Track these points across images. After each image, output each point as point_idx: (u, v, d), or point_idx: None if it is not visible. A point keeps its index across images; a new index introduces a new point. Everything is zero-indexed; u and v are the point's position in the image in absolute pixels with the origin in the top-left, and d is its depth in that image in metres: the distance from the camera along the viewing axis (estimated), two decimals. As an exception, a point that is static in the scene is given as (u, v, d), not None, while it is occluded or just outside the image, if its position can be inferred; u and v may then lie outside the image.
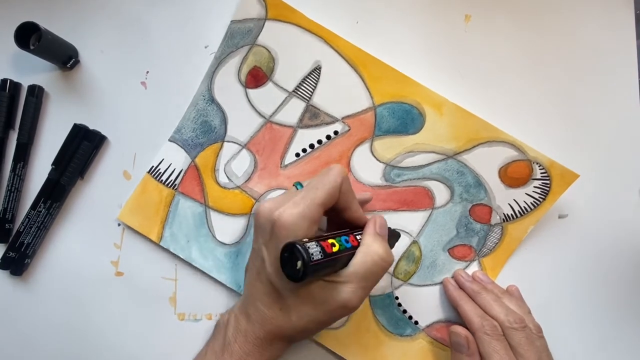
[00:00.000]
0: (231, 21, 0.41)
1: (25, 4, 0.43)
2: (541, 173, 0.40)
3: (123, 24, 0.43)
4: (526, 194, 0.40)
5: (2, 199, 0.42)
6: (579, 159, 0.41)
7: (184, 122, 0.42)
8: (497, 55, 0.42)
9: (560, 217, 0.42)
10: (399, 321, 0.41)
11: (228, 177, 0.42)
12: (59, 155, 0.41)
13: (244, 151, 0.42)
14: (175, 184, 0.42)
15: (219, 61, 0.42)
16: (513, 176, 0.40)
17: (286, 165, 0.41)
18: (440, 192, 0.41)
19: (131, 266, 0.42)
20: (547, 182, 0.40)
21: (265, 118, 0.42)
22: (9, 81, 0.42)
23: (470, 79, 0.42)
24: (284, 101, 0.41)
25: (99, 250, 0.42)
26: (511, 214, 0.41)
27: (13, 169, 0.42)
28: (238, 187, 0.42)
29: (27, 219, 0.41)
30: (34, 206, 0.41)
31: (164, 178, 0.42)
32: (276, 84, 0.41)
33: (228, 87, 0.42)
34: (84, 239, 0.42)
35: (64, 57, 0.41)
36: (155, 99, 0.42)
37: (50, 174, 0.41)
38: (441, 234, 0.41)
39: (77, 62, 0.42)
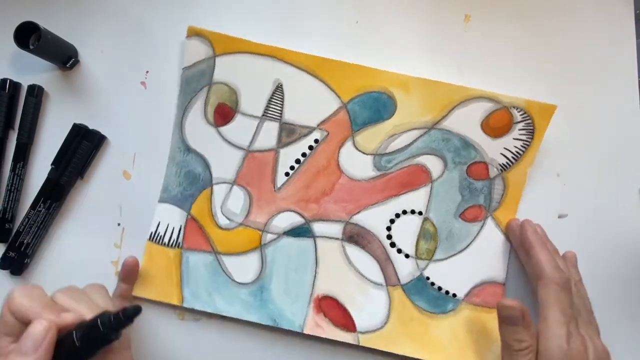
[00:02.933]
0: (182, 69, 0.41)
1: (25, 4, 0.43)
2: (521, 115, 0.40)
3: (123, 24, 0.43)
4: (514, 139, 0.41)
5: (2, 199, 0.41)
6: (578, 158, 0.42)
7: (168, 180, 0.41)
8: (496, 56, 0.42)
9: (560, 217, 0.42)
10: (437, 300, 0.41)
11: (228, 218, 0.41)
12: (59, 155, 0.41)
13: (235, 188, 0.41)
14: (179, 242, 0.41)
15: (183, 110, 0.42)
16: (496, 126, 0.41)
17: (280, 188, 0.41)
18: (434, 164, 0.41)
19: None
20: (529, 121, 0.40)
21: (244, 150, 0.41)
22: (8, 81, 0.42)
23: (470, 79, 0.42)
24: (257, 128, 0.41)
25: (99, 250, 0.41)
26: (506, 162, 0.41)
27: (13, 169, 0.41)
28: (240, 224, 0.41)
29: (27, 219, 0.41)
30: (33, 206, 0.41)
31: (166, 240, 0.41)
32: (245, 114, 0.41)
33: (200, 132, 0.41)
34: (83, 239, 0.42)
35: (63, 57, 0.41)
36: (155, 99, 0.42)
37: (50, 173, 0.41)
38: (448, 203, 0.41)
39: (76, 62, 0.42)
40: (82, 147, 0.41)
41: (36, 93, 0.42)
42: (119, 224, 0.42)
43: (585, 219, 0.42)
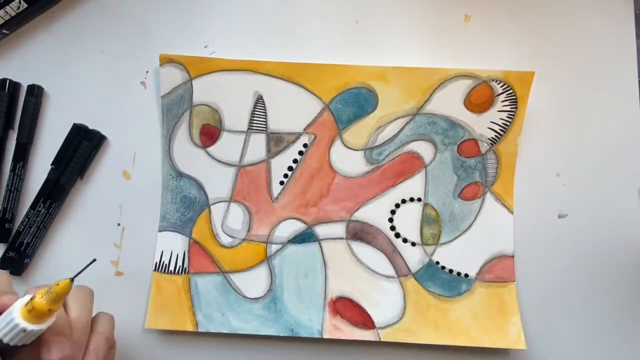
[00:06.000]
0: (161, 97, 0.41)
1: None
2: (501, 87, 0.41)
3: (123, 24, 0.43)
4: (498, 111, 0.41)
5: (2, 199, 0.41)
6: (578, 158, 0.42)
7: (165, 207, 0.41)
8: (496, 56, 0.43)
9: (560, 217, 0.42)
10: (450, 283, 0.40)
11: (230, 236, 0.41)
12: (59, 155, 0.42)
13: (233, 205, 0.41)
14: (185, 268, 0.41)
15: (169, 137, 0.42)
16: (478, 102, 0.41)
17: (277, 198, 0.41)
18: (425, 149, 0.41)
19: (131, 266, 0.41)
20: (511, 91, 0.41)
21: (236, 166, 0.42)
22: (8, 81, 0.42)
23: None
24: (244, 142, 0.42)
25: (99, 250, 0.41)
26: (495, 136, 0.41)
27: (13, 169, 0.42)
28: (243, 239, 0.41)
29: (26, 219, 0.41)
30: (33, 206, 0.41)
31: (171, 268, 0.41)
32: (230, 131, 0.42)
33: (188, 156, 0.42)
34: (83, 239, 0.42)
35: None
36: (155, 99, 0.43)
37: (49, 173, 0.41)
38: (445, 185, 0.41)
39: None
40: (82, 147, 0.41)
41: (36, 93, 0.42)
42: (119, 224, 0.42)
43: (585, 219, 0.42)
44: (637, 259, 0.41)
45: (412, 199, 0.41)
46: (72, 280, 0.27)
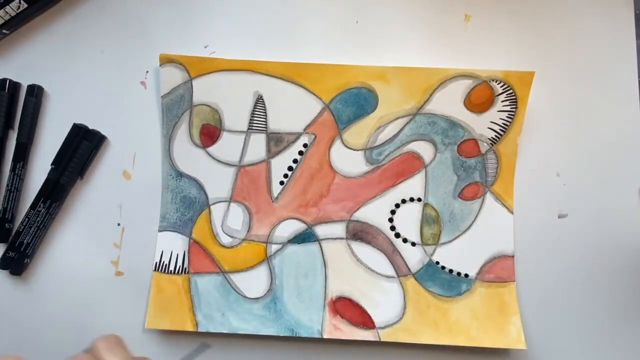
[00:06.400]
0: (161, 97, 0.41)
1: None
2: (501, 87, 0.41)
3: (123, 24, 0.43)
4: (498, 111, 0.41)
5: (2, 199, 0.41)
6: (578, 158, 0.42)
7: (165, 207, 0.41)
8: (496, 56, 0.43)
9: (560, 217, 0.42)
10: (450, 283, 0.40)
11: (230, 236, 0.41)
12: (59, 155, 0.42)
13: (233, 205, 0.41)
14: (185, 268, 0.41)
15: (169, 137, 0.42)
16: (478, 102, 0.41)
17: (277, 198, 0.41)
18: (425, 149, 0.41)
19: (131, 266, 0.41)
20: (511, 91, 0.41)
21: (236, 166, 0.42)
22: (8, 81, 0.42)
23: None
24: (244, 142, 0.42)
25: (99, 250, 0.42)
26: (495, 136, 0.41)
27: (13, 169, 0.42)
28: (243, 239, 0.41)
29: (26, 219, 0.41)
30: (33, 206, 0.41)
31: (171, 268, 0.41)
32: (230, 131, 0.42)
33: (188, 156, 0.42)
34: (83, 239, 0.42)
35: None
36: (155, 99, 0.43)
37: (49, 173, 0.41)
38: (445, 185, 0.41)
39: None
40: (82, 147, 0.41)
41: (36, 93, 0.42)
42: (119, 224, 0.42)
43: (585, 219, 0.42)
44: (637, 259, 0.41)
45: (412, 199, 0.41)
46: None
